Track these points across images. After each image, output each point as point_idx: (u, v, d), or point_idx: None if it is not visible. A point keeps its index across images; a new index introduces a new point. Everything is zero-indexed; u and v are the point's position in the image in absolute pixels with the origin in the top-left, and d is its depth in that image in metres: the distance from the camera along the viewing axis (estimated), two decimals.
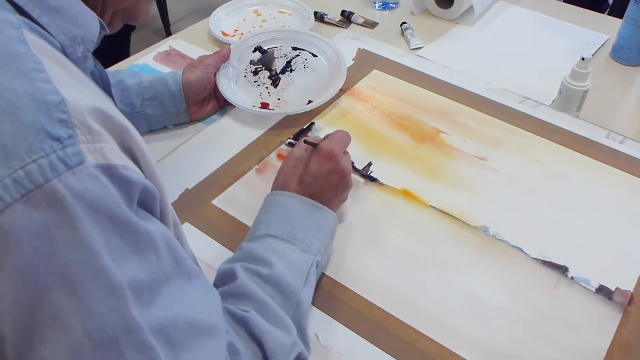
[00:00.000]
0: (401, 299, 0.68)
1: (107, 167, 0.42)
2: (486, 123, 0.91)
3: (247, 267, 0.61)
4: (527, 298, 0.68)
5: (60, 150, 0.39)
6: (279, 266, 0.61)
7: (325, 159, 0.71)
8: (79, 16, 0.52)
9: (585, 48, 1.09)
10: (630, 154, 0.86)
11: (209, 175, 0.84)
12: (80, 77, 0.47)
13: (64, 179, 0.39)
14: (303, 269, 0.63)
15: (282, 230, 0.65)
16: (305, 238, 0.65)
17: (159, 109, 0.89)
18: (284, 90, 0.97)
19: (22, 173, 0.38)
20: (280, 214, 0.67)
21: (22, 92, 0.40)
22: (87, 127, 0.42)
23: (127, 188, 0.43)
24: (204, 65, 0.92)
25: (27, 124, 0.39)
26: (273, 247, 0.64)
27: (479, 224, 0.76)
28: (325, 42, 1.01)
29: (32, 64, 0.42)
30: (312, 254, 0.64)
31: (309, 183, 0.70)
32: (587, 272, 0.71)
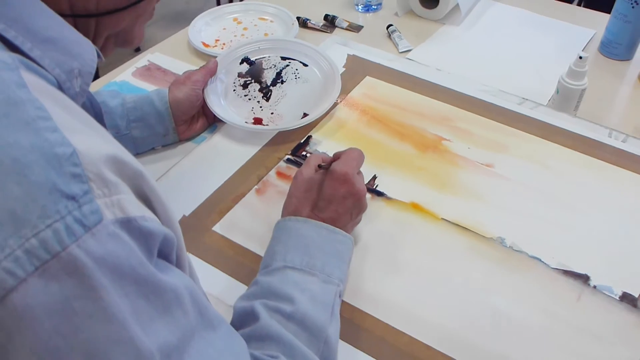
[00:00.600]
0: (425, 321, 0.65)
1: (126, 221, 0.38)
2: (488, 127, 0.89)
3: (267, 305, 0.56)
4: (553, 312, 0.66)
5: (76, 211, 0.35)
6: (302, 301, 0.57)
7: (339, 182, 0.66)
8: (75, 46, 0.47)
9: (573, 44, 1.09)
10: (635, 152, 0.85)
11: (206, 199, 0.80)
12: (84, 118, 0.43)
13: (83, 244, 0.35)
14: (327, 302, 0.59)
15: (300, 261, 0.61)
16: (326, 267, 0.61)
17: (146, 131, 0.84)
18: (276, 103, 0.92)
19: (36, 242, 0.33)
20: (296, 242, 0.63)
21: (28, 146, 0.35)
22: (103, 179, 0.37)
23: (147, 241, 0.39)
24: (191, 81, 0.87)
25: (37, 184, 0.34)
26: (292, 280, 0.59)
27: (494, 235, 0.74)
28: (316, 50, 0.97)
29: (35, 110, 0.37)
30: (334, 284, 0.61)
31: (322, 208, 0.66)
32: (608, 280, 0.69)
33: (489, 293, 0.68)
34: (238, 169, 0.84)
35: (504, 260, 0.71)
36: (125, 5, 0.53)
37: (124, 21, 0.55)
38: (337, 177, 0.67)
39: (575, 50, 1.06)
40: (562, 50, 1.07)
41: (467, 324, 0.65)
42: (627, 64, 1.06)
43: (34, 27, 0.44)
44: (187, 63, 1.05)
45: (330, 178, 0.67)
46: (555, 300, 0.67)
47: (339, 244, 0.65)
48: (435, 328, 0.64)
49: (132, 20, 0.56)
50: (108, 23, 0.53)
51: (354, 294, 0.68)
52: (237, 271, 0.70)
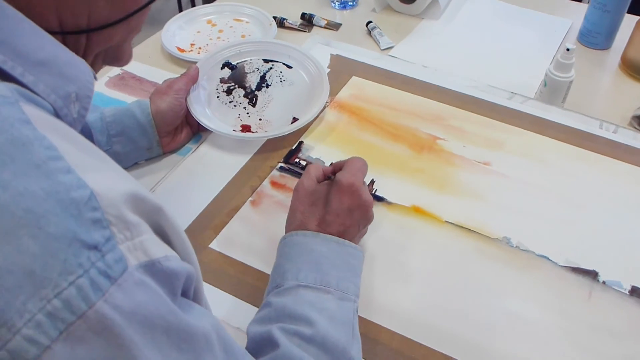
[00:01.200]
0: (440, 330, 0.63)
1: (150, 265, 0.35)
2: (481, 124, 0.87)
3: (285, 329, 0.53)
4: (565, 310, 0.65)
5: (100, 261, 0.32)
6: (321, 322, 0.54)
7: (346, 193, 0.63)
8: (69, 67, 0.43)
9: (552, 35, 1.09)
10: (627, 143, 0.85)
11: (198, 215, 0.76)
12: (92, 151, 0.39)
13: (110, 298, 0.32)
14: (347, 321, 0.56)
15: (313, 278, 0.58)
16: (340, 283, 0.59)
17: (129, 145, 0.79)
18: (264, 108, 0.89)
19: (59, 303, 0.30)
20: (307, 258, 0.60)
21: (41, 194, 0.31)
22: (124, 221, 0.34)
23: (172, 283, 0.37)
24: (173, 90, 0.82)
25: (55, 236, 0.31)
26: (308, 300, 0.56)
27: (499, 235, 0.73)
28: (300, 51, 0.94)
29: (44, 150, 0.33)
30: (350, 301, 0.58)
31: (330, 221, 0.63)
32: (616, 274, 0.69)
33: (500, 296, 0.67)
34: (229, 180, 0.80)
35: (511, 260, 0.70)
36: (118, 19, 0.49)
37: (116, 37, 0.51)
38: (343, 188, 0.64)
39: (554, 41, 1.07)
40: (542, 42, 1.07)
41: (482, 329, 0.64)
42: (606, 53, 1.07)
43: (23, 49, 0.39)
44: (163, 70, 1.00)
45: (337, 190, 0.64)
46: (566, 298, 0.67)
47: (351, 257, 0.62)
48: (452, 336, 0.63)
49: (123, 36, 0.52)
50: (100, 39, 0.49)
51: (366, 306, 0.66)
52: (241, 290, 0.67)
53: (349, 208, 0.63)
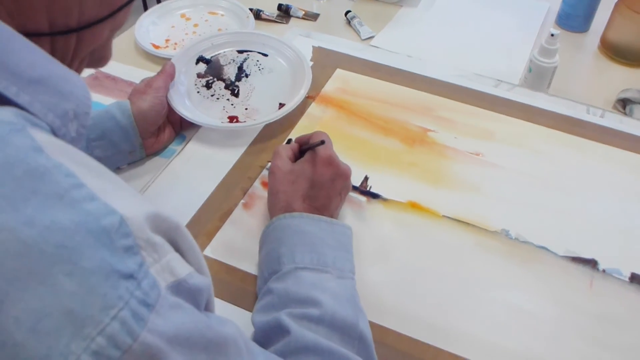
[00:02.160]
0: (447, 330, 0.63)
1: (177, 285, 0.34)
2: (470, 114, 0.87)
3: (292, 314, 0.53)
4: (568, 300, 0.65)
5: (137, 290, 0.30)
6: (327, 302, 0.54)
7: (325, 166, 0.66)
8: (65, 83, 0.40)
9: (530, 19, 1.08)
10: (614, 127, 0.85)
11: (189, 220, 0.73)
12: (105, 173, 0.36)
13: (152, 326, 0.30)
14: (350, 297, 0.57)
15: (309, 260, 0.58)
16: (337, 262, 0.59)
17: (110, 149, 0.76)
18: (247, 98, 0.86)
19: (103, 340, 0.28)
20: (300, 240, 0.60)
21: (70, 226, 0.29)
22: (152, 244, 0.33)
23: (197, 299, 0.37)
24: (152, 89, 0.79)
25: (91, 271, 0.29)
26: (309, 281, 0.57)
27: (498, 228, 0.72)
28: (274, 38, 0.92)
29: (64, 179, 0.31)
30: (349, 278, 0.59)
31: (314, 196, 0.65)
32: (615, 262, 0.69)
33: (503, 290, 0.66)
34: (219, 183, 0.77)
35: (511, 253, 0.70)
36: (107, 15, 0.46)
37: (103, 35, 0.48)
38: (322, 161, 0.66)
39: (534, 26, 1.07)
40: (521, 27, 1.07)
41: (487, 324, 0.63)
42: (585, 35, 1.07)
43: (16, 66, 0.37)
44: (138, 68, 0.96)
45: (316, 163, 0.66)
46: (568, 288, 0.66)
47: (341, 235, 0.63)
48: (460, 335, 0.62)
49: (108, 34, 0.50)
50: (89, 38, 0.47)
51: (370, 308, 0.64)
52: (241, 298, 0.65)
53: (331, 178, 0.66)
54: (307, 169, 0.66)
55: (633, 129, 0.85)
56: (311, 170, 0.66)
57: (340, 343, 0.52)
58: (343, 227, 0.64)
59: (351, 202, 0.74)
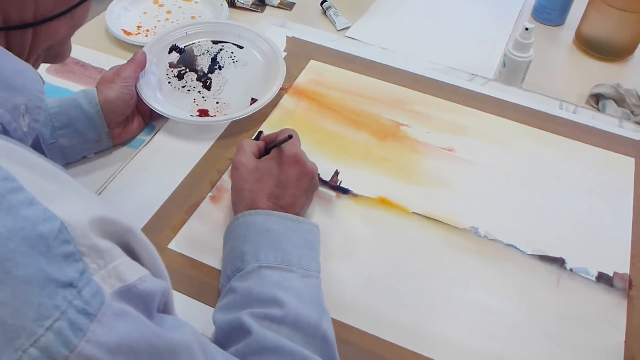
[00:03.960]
0: (412, 328, 0.62)
1: (126, 291, 0.33)
2: (443, 108, 0.86)
3: (255, 314, 0.53)
4: (535, 300, 0.65)
5: (77, 299, 0.29)
6: (290, 302, 0.53)
7: (291, 164, 0.65)
8: (16, 76, 0.39)
9: (506, 12, 1.08)
10: (586, 123, 0.85)
11: (155, 213, 0.72)
12: (51, 172, 0.35)
13: (92, 337, 0.29)
14: (314, 297, 0.56)
15: (274, 258, 0.58)
16: (302, 261, 0.59)
17: (75, 138, 0.74)
18: (219, 91, 0.85)
19: (36, 352, 0.27)
20: (265, 238, 0.59)
21: (3, 233, 0.28)
22: (96, 250, 0.32)
23: (148, 303, 0.36)
24: (121, 78, 0.77)
25: (25, 280, 0.28)
26: (272, 280, 0.56)
27: (467, 225, 0.72)
28: (250, 30, 0.90)
29: (0, 182, 0.29)
30: (314, 277, 0.58)
31: (279, 195, 0.63)
32: (583, 261, 0.69)
33: (470, 288, 0.66)
34: (187, 175, 0.76)
35: (480, 251, 0.70)
36: (64, 11, 0.45)
37: (61, 32, 0.47)
38: (288, 159, 0.65)
39: (510, 18, 1.06)
40: (497, 20, 1.06)
41: (453, 324, 0.63)
42: (560, 29, 1.06)
43: None
44: (108, 54, 0.94)
45: (282, 162, 0.65)
46: (535, 287, 0.67)
47: (308, 234, 0.62)
48: (424, 333, 0.62)
49: (67, 31, 0.48)
50: (45, 34, 0.46)
51: (336, 305, 0.63)
52: (204, 293, 0.64)
53: (297, 177, 0.64)
54: (273, 167, 0.65)
55: (605, 125, 0.85)
56: (277, 168, 0.65)
57: (303, 344, 0.52)
58: (310, 225, 0.63)
59: (321, 197, 0.74)
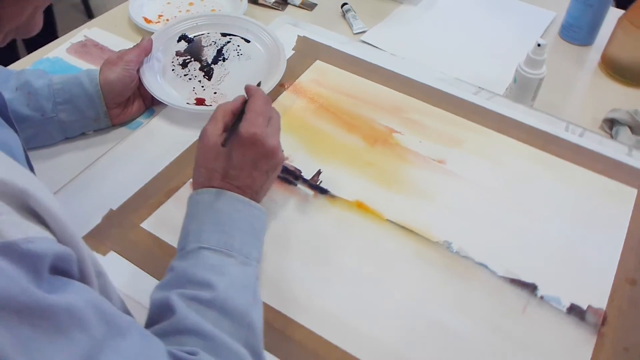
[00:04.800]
0: (361, 334, 0.61)
1: (5, 247, 0.34)
2: (441, 119, 0.84)
3: (184, 295, 0.53)
4: (496, 324, 0.62)
5: None
6: (221, 286, 0.53)
7: (248, 146, 0.61)
8: None
9: (533, 28, 1.03)
10: (592, 148, 0.81)
11: (136, 192, 0.74)
12: None
13: None
14: (248, 285, 0.56)
15: (216, 240, 0.57)
16: (244, 247, 0.58)
17: (75, 114, 0.77)
18: (219, 82, 0.86)
19: None
20: (211, 218, 0.59)
21: None
22: None
23: (33, 264, 0.36)
24: (123, 61, 0.80)
25: None
26: (209, 263, 0.56)
27: (441, 239, 0.70)
28: (258, 25, 0.91)
29: None
30: (252, 266, 0.58)
31: (235, 176, 0.62)
32: (557, 290, 0.65)
33: (431, 304, 0.64)
34: (173, 160, 0.78)
35: (449, 266, 0.67)
36: None
37: (26, 11, 0.48)
38: (245, 141, 0.61)
39: (535, 34, 1.02)
40: (522, 35, 1.02)
41: (406, 338, 0.61)
42: (587, 49, 1.02)
43: None
44: (127, 40, 0.97)
45: (238, 143, 0.62)
46: (500, 311, 0.64)
47: (255, 219, 0.61)
48: (372, 341, 0.60)
49: (33, 10, 0.50)
50: (10, 16, 0.47)
51: (287, 302, 0.63)
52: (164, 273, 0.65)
53: (253, 160, 0.62)
54: (231, 146, 0.63)
55: (612, 151, 0.80)
56: (232, 149, 0.62)
57: (229, 329, 0.52)
58: (259, 211, 0.62)
59: (297, 194, 0.74)
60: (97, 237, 0.69)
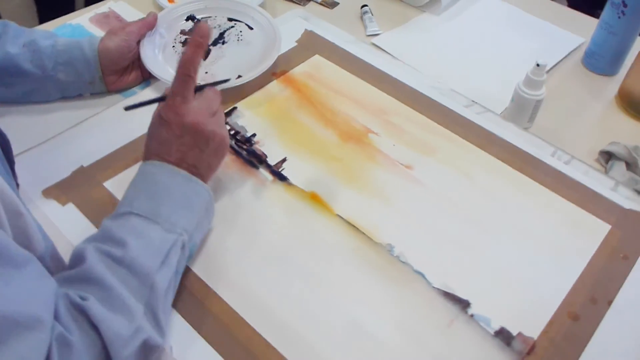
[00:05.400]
0: (276, 318, 0.61)
1: None
2: (422, 126, 0.82)
3: (100, 249, 0.55)
4: (418, 334, 0.60)
5: None
6: (134, 247, 0.55)
7: (165, 124, 0.64)
8: None
9: (555, 51, 0.99)
10: (575, 177, 0.76)
11: (109, 153, 0.77)
12: None
13: None
14: (162, 249, 0.57)
15: (145, 208, 0.59)
16: (171, 216, 0.59)
17: (72, 75, 0.82)
18: (213, 63, 0.89)
19: None
20: (147, 188, 0.61)
21: None
22: None
23: None
24: (125, 32, 0.84)
25: None
26: (132, 226, 0.58)
27: (384, 241, 0.68)
28: (262, 13, 0.93)
29: None
30: (176, 233, 0.59)
31: (167, 152, 0.64)
32: (490, 311, 0.63)
33: (355, 303, 0.63)
34: None
35: (385, 269, 0.66)
36: None
37: None
38: (161, 120, 0.64)
39: (555, 57, 0.98)
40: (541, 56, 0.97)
41: (320, 331, 0.60)
42: (608, 79, 0.96)
43: None
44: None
45: (158, 122, 0.65)
46: (424, 322, 0.62)
47: (194, 194, 0.63)
48: (285, 327, 0.60)
49: None
50: None
51: (215, 275, 0.64)
52: None
53: (178, 135, 0.64)
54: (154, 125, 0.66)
55: (594, 183, 0.76)
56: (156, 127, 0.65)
57: (134, 287, 0.54)
58: (201, 187, 0.64)
59: (257, 177, 0.74)
60: (61, 188, 0.73)
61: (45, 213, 0.70)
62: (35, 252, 0.52)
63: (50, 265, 0.56)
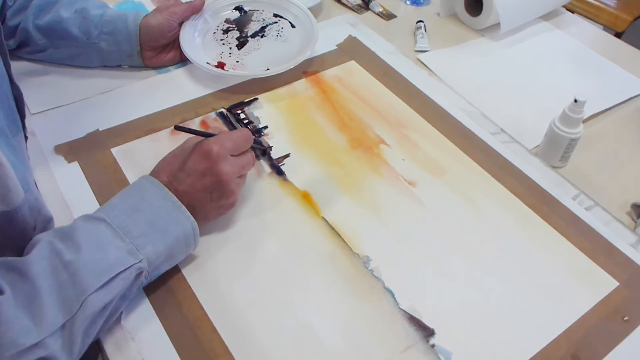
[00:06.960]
0: (231, 310, 0.60)
1: None
2: (438, 146, 0.78)
3: (53, 246, 0.53)
4: (368, 353, 0.57)
5: None
6: (86, 256, 0.53)
7: (201, 156, 0.62)
8: None
9: (613, 93, 0.91)
10: (593, 225, 0.69)
11: (125, 122, 0.80)
12: None
13: None
14: (111, 271, 0.54)
15: (119, 221, 0.57)
16: (139, 238, 0.56)
17: (113, 46, 0.86)
18: (246, 54, 0.89)
19: None
20: (132, 203, 0.60)
21: None
22: None
23: None
24: (168, 11, 0.87)
25: None
26: (97, 235, 0.56)
27: (362, 252, 0.65)
28: (307, 14, 0.92)
29: None
30: (135, 258, 0.55)
31: (181, 179, 0.62)
32: (454, 345, 0.58)
33: (316, 309, 0.60)
34: (171, 107, 0.82)
35: (355, 280, 0.63)
36: None
37: None
38: (200, 151, 0.62)
39: (611, 100, 0.90)
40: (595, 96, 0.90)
41: (272, 330, 0.58)
42: None
43: None
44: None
45: (195, 150, 0.62)
46: (380, 342, 0.58)
47: (173, 223, 0.59)
48: (236, 319, 0.59)
49: None
50: None
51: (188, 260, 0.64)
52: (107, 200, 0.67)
53: (202, 172, 0.62)
54: (187, 150, 0.63)
55: (613, 236, 0.68)
56: (190, 154, 0.63)
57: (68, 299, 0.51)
58: (186, 218, 0.60)
59: (255, 168, 0.73)
60: (71, 147, 0.76)
61: (50, 167, 0.73)
62: (11, 203, 0.52)
63: (28, 218, 0.55)
